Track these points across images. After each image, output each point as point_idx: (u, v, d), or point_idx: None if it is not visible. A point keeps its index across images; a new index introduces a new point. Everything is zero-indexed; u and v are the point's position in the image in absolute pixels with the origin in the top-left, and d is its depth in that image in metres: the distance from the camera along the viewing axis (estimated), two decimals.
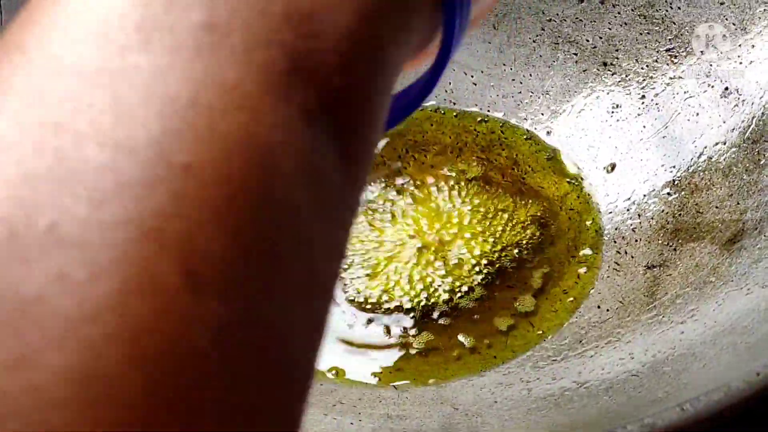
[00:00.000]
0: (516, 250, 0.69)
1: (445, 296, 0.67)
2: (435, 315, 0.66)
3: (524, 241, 0.70)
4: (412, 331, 0.65)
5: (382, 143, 0.76)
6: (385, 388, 0.63)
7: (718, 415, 0.45)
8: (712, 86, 0.70)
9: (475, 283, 0.67)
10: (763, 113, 0.67)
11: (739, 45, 0.70)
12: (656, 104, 0.73)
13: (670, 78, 0.73)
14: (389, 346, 0.65)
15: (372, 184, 0.74)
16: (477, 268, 0.68)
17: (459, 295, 0.67)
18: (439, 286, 0.67)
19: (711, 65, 0.71)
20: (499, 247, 0.69)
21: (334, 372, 0.64)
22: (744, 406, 0.46)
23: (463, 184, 0.73)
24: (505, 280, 0.68)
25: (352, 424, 0.59)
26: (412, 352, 0.65)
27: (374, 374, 0.64)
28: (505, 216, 0.71)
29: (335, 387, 0.63)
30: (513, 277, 0.68)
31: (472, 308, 0.66)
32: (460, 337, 0.65)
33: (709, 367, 0.53)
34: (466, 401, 0.60)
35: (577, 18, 0.76)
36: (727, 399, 0.45)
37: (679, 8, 0.73)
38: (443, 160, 0.75)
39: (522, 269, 0.68)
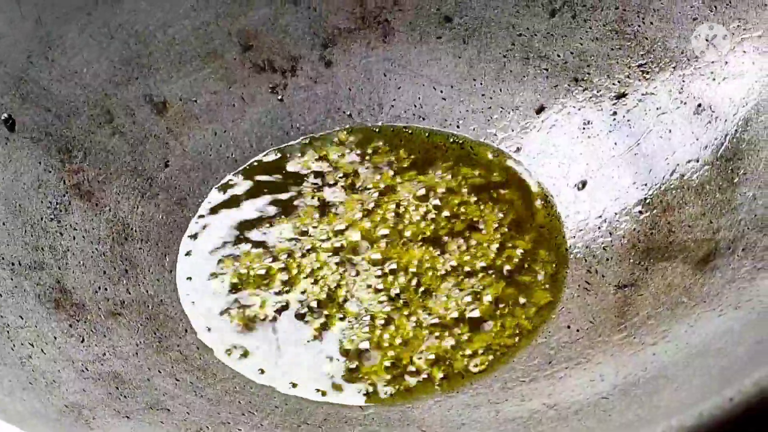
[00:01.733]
0: (484, 267, 0.68)
1: (409, 313, 0.65)
2: (398, 332, 0.65)
3: (492, 258, 0.68)
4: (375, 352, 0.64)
5: (345, 157, 0.75)
6: (350, 409, 0.61)
7: None
8: (685, 103, 0.69)
9: (439, 301, 0.66)
10: (736, 130, 0.66)
11: (713, 61, 0.69)
12: (628, 120, 0.72)
13: (642, 94, 0.72)
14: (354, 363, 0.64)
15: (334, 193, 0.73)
16: (442, 284, 0.67)
17: (424, 314, 0.66)
18: (401, 300, 0.66)
19: (684, 81, 0.70)
20: (466, 263, 0.68)
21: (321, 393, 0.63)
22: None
23: (429, 198, 0.72)
24: (473, 298, 0.66)
25: None
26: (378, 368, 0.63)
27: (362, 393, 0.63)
28: (473, 233, 0.70)
29: (300, 406, 0.61)
30: (481, 294, 0.66)
31: (436, 324, 0.65)
32: (426, 356, 0.64)
33: (682, 389, 0.52)
34: (433, 422, 0.59)
35: (548, 33, 0.75)
36: (700, 426, 0.44)
37: (651, 23, 0.72)
38: (411, 175, 0.74)
39: (490, 285, 0.67)
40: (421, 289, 0.67)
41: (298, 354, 0.65)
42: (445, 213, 0.71)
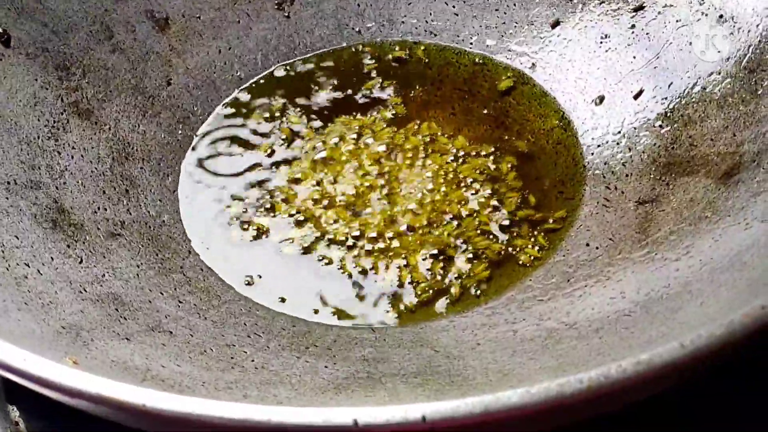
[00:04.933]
0: (500, 186, 0.66)
1: (431, 236, 0.64)
2: (418, 257, 0.63)
3: (510, 177, 0.67)
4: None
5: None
6: (361, 330, 0.60)
7: (721, 352, 0.42)
8: (706, 14, 0.67)
9: (458, 221, 0.64)
10: (760, 41, 0.64)
11: None
12: (647, 34, 0.70)
13: (662, 6, 0.70)
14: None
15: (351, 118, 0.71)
16: (460, 206, 0.65)
17: (444, 232, 0.64)
18: (424, 224, 0.65)
19: None
20: (483, 184, 0.66)
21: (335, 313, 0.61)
22: (747, 342, 0.43)
23: (444, 121, 0.70)
24: (490, 219, 0.65)
25: (326, 367, 0.56)
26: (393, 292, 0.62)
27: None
28: (491, 150, 0.68)
29: (308, 329, 0.60)
30: (498, 214, 0.65)
31: (455, 247, 0.64)
32: (444, 278, 0.62)
33: (707, 304, 0.50)
34: (447, 343, 0.58)
35: None
36: (730, 334, 0.42)
37: None
38: (425, 92, 0.72)
39: (507, 205, 0.65)
40: (431, 198, 0.66)
41: (304, 275, 0.63)
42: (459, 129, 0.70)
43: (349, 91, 0.73)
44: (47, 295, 0.57)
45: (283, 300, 0.62)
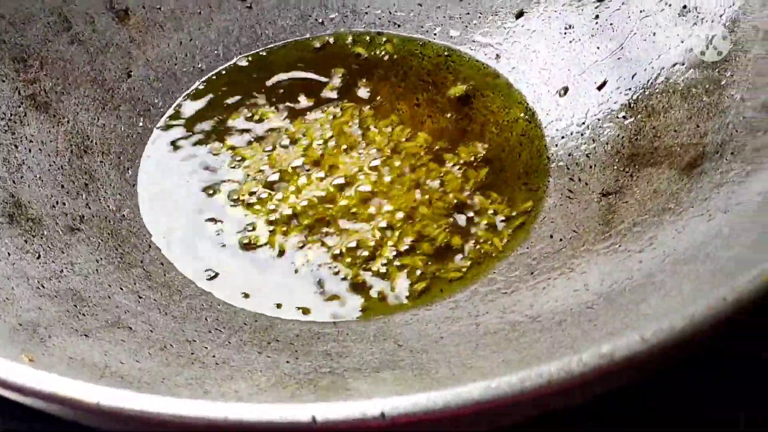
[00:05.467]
0: (463, 177, 0.66)
1: (390, 228, 0.63)
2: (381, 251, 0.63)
3: (472, 168, 0.66)
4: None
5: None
6: (323, 325, 0.59)
7: (683, 345, 0.42)
8: (670, 4, 0.67)
9: (421, 214, 0.64)
10: (723, 31, 0.63)
11: None
12: (611, 24, 0.70)
13: None
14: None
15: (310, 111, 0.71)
16: (422, 198, 0.65)
17: (407, 225, 0.64)
18: (386, 215, 0.64)
19: None
20: (445, 176, 0.66)
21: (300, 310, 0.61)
22: (709, 334, 0.42)
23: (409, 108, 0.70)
24: (452, 210, 0.64)
25: (288, 362, 0.55)
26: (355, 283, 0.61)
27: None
28: (454, 143, 0.68)
29: (270, 323, 0.59)
30: (461, 206, 0.64)
31: (417, 240, 0.63)
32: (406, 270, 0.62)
33: (670, 296, 0.50)
34: (410, 337, 0.57)
35: None
36: (693, 327, 0.42)
37: None
38: (389, 84, 0.72)
39: (471, 197, 0.65)
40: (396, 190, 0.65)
41: (266, 270, 0.63)
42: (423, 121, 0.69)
43: (312, 83, 0.73)
44: (3, 291, 0.56)
45: (246, 295, 0.61)
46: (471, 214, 0.64)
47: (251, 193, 0.66)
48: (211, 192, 0.67)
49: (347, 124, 0.69)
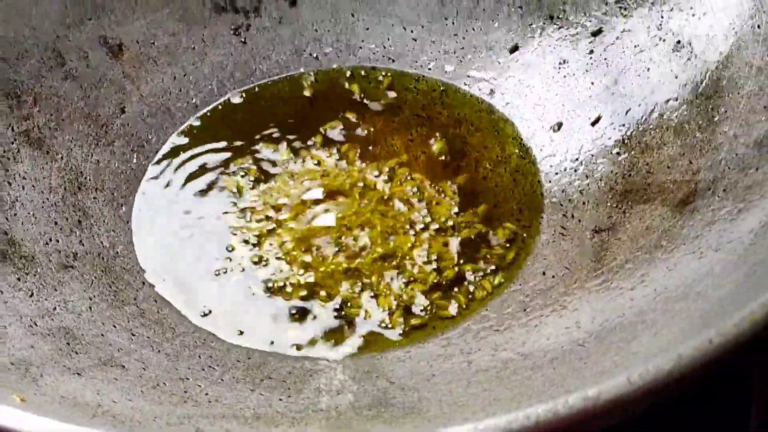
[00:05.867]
0: (457, 214, 0.66)
1: (385, 263, 0.63)
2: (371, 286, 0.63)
3: (464, 205, 0.66)
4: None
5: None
6: (316, 361, 0.59)
7: (669, 386, 0.41)
8: (664, 40, 0.67)
9: (413, 250, 0.64)
10: (717, 67, 0.64)
11: None
12: (605, 59, 0.70)
13: (620, 31, 0.70)
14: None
15: (298, 145, 0.71)
16: (413, 236, 0.65)
17: (402, 263, 0.64)
18: (379, 252, 0.64)
19: (662, 17, 0.68)
20: (439, 214, 0.66)
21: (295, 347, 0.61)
22: (696, 376, 0.42)
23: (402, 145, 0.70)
24: (447, 246, 0.64)
25: (281, 400, 0.55)
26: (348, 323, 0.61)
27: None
28: (446, 181, 0.68)
29: (264, 360, 0.59)
30: (454, 242, 0.64)
31: (410, 277, 0.63)
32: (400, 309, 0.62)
33: (661, 335, 0.50)
34: (402, 375, 0.57)
35: None
36: (678, 369, 0.42)
37: None
38: (383, 118, 0.72)
39: (464, 233, 0.65)
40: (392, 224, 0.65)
41: (260, 307, 0.63)
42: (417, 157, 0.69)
43: (307, 118, 0.73)
44: None
45: (241, 333, 0.61)
46: (464, 250, 0.64)
47: (247, 230, 0.66)
48: (206, 228, 0.67)
49: (342, 171, 0.70)
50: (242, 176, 0.69)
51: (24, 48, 0.70)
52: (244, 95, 0.74)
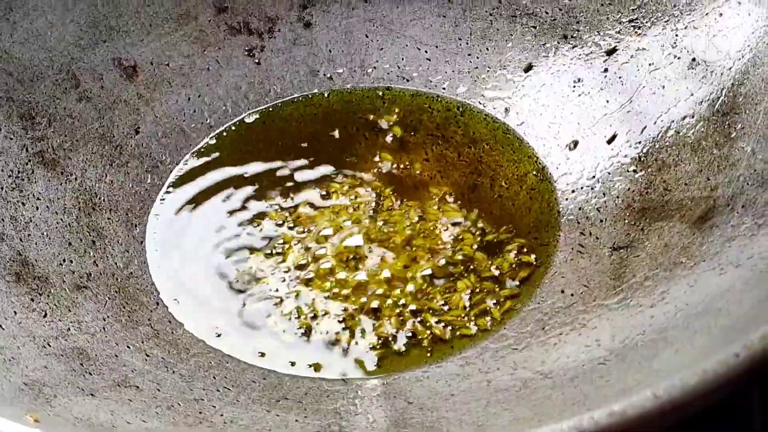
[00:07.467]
0: (474, 233, 0.65)
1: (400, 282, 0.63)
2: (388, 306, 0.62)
3: (483, 224, 0.66)
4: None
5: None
6: (333, 382, 0.59)
7: (695, 401, 0.41)
8: (679, 57, 0.67)
9: (431, 269, 0.64)
10: (733, 84, 0.64)
11: (707, 14, 0.66)
12: (620, 78, 0.70)
13: (635, 50, 0.70)
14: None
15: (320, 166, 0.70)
16: (433, 255, 0.65)
17: (417, 277, 0.63)
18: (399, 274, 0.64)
19: (677, 35, 0.67)
20: (456, 232, 0.66)
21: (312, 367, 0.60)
22: (723, 391, 0.42)
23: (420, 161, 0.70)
24: (464, 265, 0.64)
25: (297, 421, 0.55)
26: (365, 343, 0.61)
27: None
28: (461, 199, 0.68)
29: (279, 381, 0.59)
30: (471, 261, 0.64)
31: (427, 298, 0.63)
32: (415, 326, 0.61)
33: (682, 352, 0.50)
34: (421, 395, 0.57)
35: None
36: (704, 384, 0.41)
37: None
38: (397, 139, 0.72)
39: (481, 252, 0.64)
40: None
41: (275, 324, 0.62)
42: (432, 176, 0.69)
43: (321, 140, 0.73)
44: (9, 350, 0.56)
45: (262, 354, 0.61)
46: (482, 269, 0.64)
47: (262, 252, 0.66)
48: (220, 249, 0.67)
49: (361, 204, 0.69)
50: (258, 198, 0.69)
51: (39, 70, 0.71)
52: (258, 115, 0.74)
